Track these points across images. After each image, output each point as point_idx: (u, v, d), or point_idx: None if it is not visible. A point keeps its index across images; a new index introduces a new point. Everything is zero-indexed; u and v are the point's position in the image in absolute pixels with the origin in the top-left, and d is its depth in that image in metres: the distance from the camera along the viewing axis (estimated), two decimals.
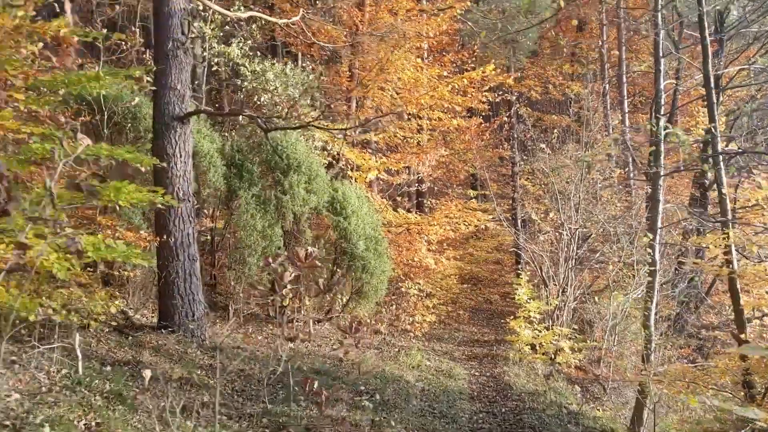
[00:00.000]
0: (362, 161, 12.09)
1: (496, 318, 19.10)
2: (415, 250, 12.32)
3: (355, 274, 10.04)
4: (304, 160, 9.73)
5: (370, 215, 10.74)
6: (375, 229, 10.60)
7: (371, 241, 10.32)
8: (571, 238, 13.43)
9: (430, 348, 12.32)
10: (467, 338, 14.75)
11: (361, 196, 10.78)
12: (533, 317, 12.23)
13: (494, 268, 23.92)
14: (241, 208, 9.15)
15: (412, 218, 12.38)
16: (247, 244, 9.06)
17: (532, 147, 18.97)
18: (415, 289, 12.99)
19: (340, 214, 10.08)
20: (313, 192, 9.81)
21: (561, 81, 24.47)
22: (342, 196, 10.19)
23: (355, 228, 10.09)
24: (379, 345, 11.32)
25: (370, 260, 10.05)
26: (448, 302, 16.57)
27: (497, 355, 12.38)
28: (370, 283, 10.13)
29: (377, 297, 10.41)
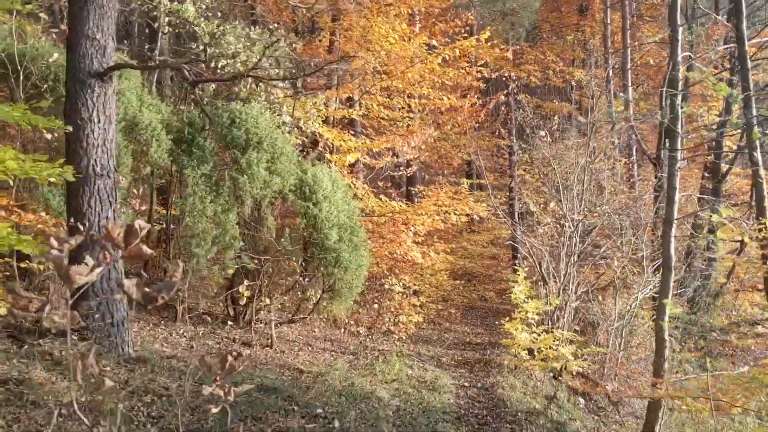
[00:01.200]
0: (341, 142, 10.69)
1: (490, 316, 17.76)
2: (399, 242, 10.94)
3: (326, 269, 8.65)
4: (267, 135, 8.32)
5: (346, 202, 9.35)
6: (351, 218, 9.21)
7: (346, 230, 8.92)
8: (574, 230, 12.04)
9: (415, 352, 10.95)
10: (458, 340, 13.38)
11: (337, 180, 9.38)
12: (531, 319, 10.86)
13: (489, 263, 22.55)
14: (189, 189, 7.75)
15: (396, 206, 10.99)
16: (194, 233, 7.66)
17: (531, 134, 17.71)
18: (400, 286, 11.62)
19: (309, 200, 8.69)
20: (277, 173, 8.41)
21: (562, 67, 23.11)
22: (312, 179, 8.79)
23: (326, 216, 8.70)
24: (356, 349, 9.95)
25: (344, 253, 8.66)
26: (438, 300, 15.21)
27: (491, 361, 11.00)
28: (344, 280, 8.74)
29: (352, 295, 9.03)
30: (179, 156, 8.02)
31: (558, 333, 10.55)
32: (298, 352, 8.60)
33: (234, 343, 8.10)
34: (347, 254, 8.72)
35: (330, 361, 8.57)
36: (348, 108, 11.11)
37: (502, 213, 13.20)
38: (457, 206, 11.01)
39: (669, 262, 10.02)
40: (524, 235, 12.46)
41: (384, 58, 10.72)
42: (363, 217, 11.56)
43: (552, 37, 24.89)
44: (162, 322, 8.03)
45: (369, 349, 10.28)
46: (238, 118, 8.27)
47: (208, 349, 7.54)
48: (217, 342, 7.95)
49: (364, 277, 9.16)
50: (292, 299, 9.70)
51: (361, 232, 9.24)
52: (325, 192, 8.84)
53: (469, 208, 11.38)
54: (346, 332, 11.08)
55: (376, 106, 11.81)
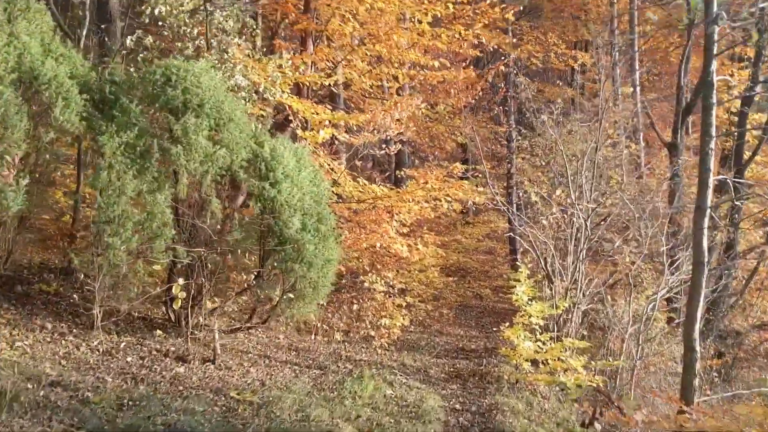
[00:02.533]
0: (312, 114, 9.00)
1: (486, 316, 16.16)
2: (381, 233, 9.27)
3: (285, 265, 6.96)
4: (211, 98, 6.63)
5: (314, 183, 7.67)
6: (319, 202, 7.53)
7: (311, 217, 7.24)
8: (586, 220, 10.38)
9: (399, 363, 9.29)
10: (450, 345, 11.74)
11: (304, 157, 7.70)
12: (535, 324, 9.22)
13: (485, 258, 20.92)
14: (103, 161, 6.04)
15: (378, 191, 9.31)
16: (108, 217, 5.96)
17: (532, 118, 16.08)
18: (381, 284, 9.95)
19: (266, 179, 6.99)
20: (223, 144, 6.71)
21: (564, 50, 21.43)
22: (270, 154, 7.10)
23: (287, 199, 7.01)
24: (327, 361, 8.28)
25: (308, 245, 6.98)
26: (428, 299, 13.55)
27: (487, 374, 9.35)
28: (307, 277, 7.06)
29: (318, 296, 7.34)
30: (96, 120, 6.31)
31: (568, 341, 8.91)
32: (248, 368, 6.93)
33: (165, 358, 6.42)
34: (312, 246, 7.04)
35: (288, 379, 6.90)
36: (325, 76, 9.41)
37: (500, 200, 11.52)
38: (450, 191, 9.35)
39: (701, 257, 8.36)
40: (527, 226, 10.79)
41: (364, 15, 9.03)
42: (339, 203, 9.89)
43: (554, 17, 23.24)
44: (74, 330, 6.34)
45: (343, 360, 8.62)
46: (174, 75, 6.57)
47: (124, 368, 5.85)
48: (142, 357, 6.26)
49: (333, 274, 7.48)
50: (249, 301, 8.02)
51: (330, 219, 7.56)
52: (286, 170, 7.15)
53: (462, 193, 9.70)
54: (317, 339, 9.41)
55: (358, 77, 10.11)
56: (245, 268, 7.77)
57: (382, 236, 9.20)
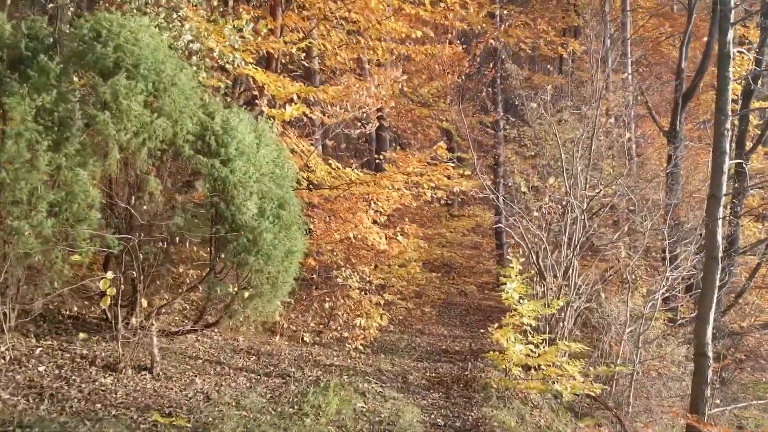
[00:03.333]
0: (277, 88, 7.94)
1: (471, 314, 15.21)
2: (356, 222, 8.24)
3: (239, 257, 5.91)
4: (148, 57, 5.56)
5: (277, 164, 6.62)
6: (281, 185, 6.47)
7: (271, 202, 6.20)
8: (583, 210, 9.43)
9: (375, 368, 8.28)
10: (432, 347, 10.76)
11: (265, 134, 6.64)
12: (527, 325, 8.26)
13: (471, 253, 19.98)
14: (10, 129, 4.95)
15: (352, 175, 8.27)
16: (16, 197, 4.87)
17: (521, 107, 15.17)
18: (356, 280, 8.93)
19: (216, 155, 5.93)
20: (164, 113, 5.64)
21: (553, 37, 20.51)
22: (221, 127, 6.04)
23: (241, 180, 5.97)
24: (291, 368, 7.25)
25: (266, 233, 5.94)
26: (409, 296, 12.57)
27: (473, 380, 8.37)
28: (264, 271, 6.01)
29: (279, 293, 6.28)
30: (9, 82, 5.22)
31: (563, 344, 7.95)
32: (193, 378, 5.88)
33: (90, 367, 5.36)
34: (271, 235, 5.99)
35: (241, 391, 5.86)
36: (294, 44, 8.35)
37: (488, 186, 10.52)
38: (433, 176, 8.34)
39: (714, 252, 7.47)
40: (519, 217, 9.80)
41: None
42: (310, 190, 8.85)
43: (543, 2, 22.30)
44: None
45: (311, 366, 7.60)
46: (106, 30, 5.48)
47: (33, 380, 4.79)
48: (60, 366, 5.19)
49: (297, 267, 6.43)
50: (200, 299, 6.96)
51: (295, 205, 6.51)
52: (241, 146, 6.10)
53: (448, 179, 8.67)
54: (283, 341, 8.38)
55: (332, 50, 9.05)
56: (196, 261, 6.71)
57: (356, 226, 8.17)
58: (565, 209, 9.77)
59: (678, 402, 9.65)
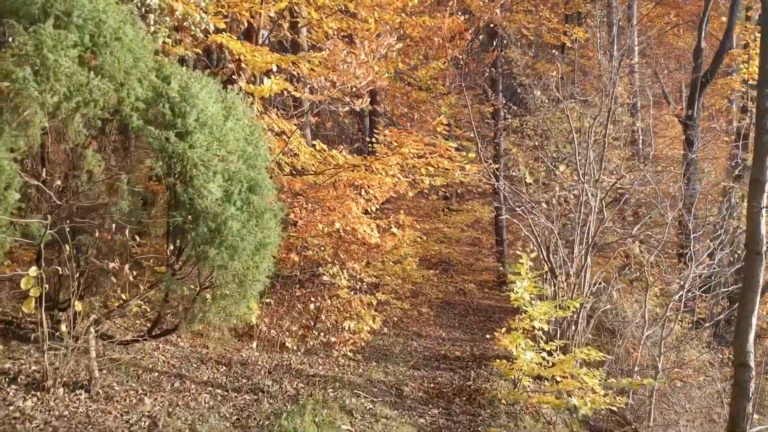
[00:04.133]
0: (254, 58, 6.90)
1: (471, 315, 14.19)
2: (344, 212, 7.20)
3: (199, 249, 4.87)
4: (84, 4, 4.51)
5: (249, 141, 5.59)
6: (253, 166, 5.43)
7: (239, 185, 5.15)
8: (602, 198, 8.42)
9: (365, 379, 7.26)
10: (430, 352, 9.74)
11: (235, 105, 5.61)
12: (539, 329, 7.24)
13: (470, 249, 18.97)
14: None
15: (340, 159, 7.22)
16: None
17: (523, 95, 14.25)
18: (345, 278, 7.90)
19: (172, 127, 4.89)
20: (104, 73, 4.60)
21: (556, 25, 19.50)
22: (179, 93, 5.00)
23: (203, 157, 4.93)
24: (265, 380, 6.22)
25: (231, 221, 4.89)
26: (405, 295, 11.55)
27: (477, 392, 7.36)
28: (230, 268, 4.97)
29: (248, 294, 5.23)
30: None
31: (581, 352, 6.93)
32: (142, 397, 4.84)
33: (10, 386, 4.31)
34: (237, 224, 4.95)
35: (200, 413, 4.83)
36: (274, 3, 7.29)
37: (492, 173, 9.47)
38: (431, 159, 7.28)
39: (758, 246, 6.46)
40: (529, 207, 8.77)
41: None
42: (293, 177, 7.81)
43: None
44: None
45: (291, 377, 6.57)
46: None
47: None
48: None
49: (270, 263, 5.38)
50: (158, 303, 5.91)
51: (268, 189, 5.45)
52: (203, 117, 5.06)
53: (448, 163, 7.61)
54: (260, 347, 7.34)
55: (317, 15, 8.00)
56: (150, 255, 5.67)
57: (344, 216, 7.13)
58: (578, 199, 8.75)
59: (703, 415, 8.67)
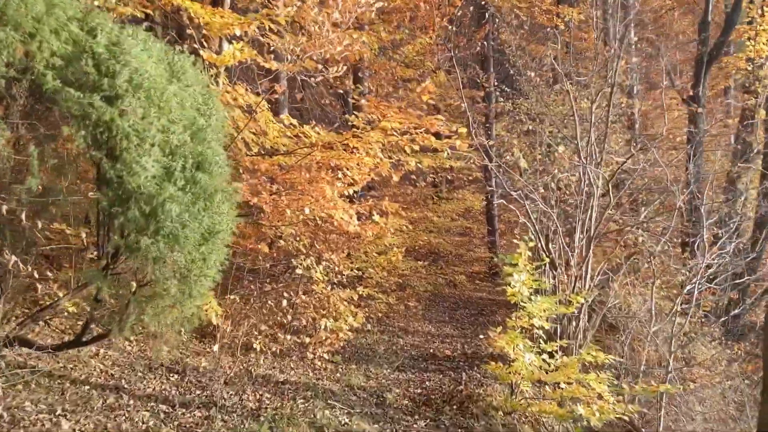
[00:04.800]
0: (210, 17, 5.98)
1: (462, 308, 13.39)
2: (316, 197, 6.31)
3: (130, 239, 3.98)
4: None
5: (200, 111, 4.68)
6: (203, 140, 4.51)
7: (183, 161, 4.24)
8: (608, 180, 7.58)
9: (344, 384, 6.41)
10: (418, 350, 8.91)
11: (185, 69, 4.69)
12: (539, 328, 6.39)
13: (460, 240, 18.15)
14: None
15: (313, 135, 6.31)
16: None
17: (516, 76, 13.45)
18: (321, 271, 7.02)
19: (98, 89, 3.98)
20: (7, 21, 3.68)
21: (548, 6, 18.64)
22: (106, 49, 4.08)
23: (136, 125, 4.02)
24: (223, 391, 5.35)
25: (170, 203, 4.00)
26: (390, 289, 10.71)
27: (470, 399, 6.51)
28: (168, 261, 4.08)
29: (194, 294, 4.33)
30: None
31: (588, 354, 6.10)
32: (59, 418, 3.95)
33: None
34: (178, 207, 4.05)
35: None
36: None
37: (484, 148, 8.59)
38: (417, 137, 6.39)
39: None
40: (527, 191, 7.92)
41: None
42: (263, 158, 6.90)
43: None
44: None
45: (255, 386, 5.70)
46: None
47: None
48: None
49: (222, 254, 4.49)
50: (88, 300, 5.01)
51: (220, 168, 4.54)
52: (138, 78, 4.14)
53: (435, 137, 6.70)
54: (224, 350, 6.45)
55: None
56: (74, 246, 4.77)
57: (316, 200, 6.24)
58: (579, 183, 7.90)
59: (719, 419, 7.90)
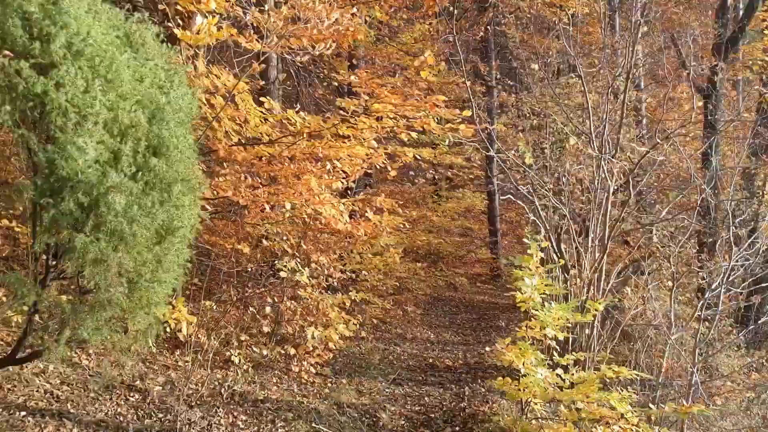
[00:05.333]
0: None
1: (463, 312, 12.76)
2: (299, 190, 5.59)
3: (62, 235, 3.27)
4: None
5: (160, 86, 3.95)
6: (161, 120, 3.78)
7: (133, 143, 3.52)
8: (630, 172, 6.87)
9: (332, 402, 5.69)
10: (416, 360, 8.21)
11: (145, 40, 3.97)
12: (552, 339, 5.68)
13: (461, 240, 17.49)
14: None
15: (298, 121, 5.57)
16: None
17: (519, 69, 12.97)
18: (307, 275, 6.30)
19: (28, 55, 3.26)
20: None
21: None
22: (40, 8, 3.36)
23: (76, 100, 3.30)
24: (187, 415, 4.62)
25: (113, 194, 3.28)
26: (387, 292, 10.01)
27: (473, 419, 5.80)
28: (113, 264, 3.36)
29: (143, 301, 3.61)
30: None
31: (609, 369, 5.37)
32: None
33: None
34: (125, 199, 3.33)
35: None
36: None
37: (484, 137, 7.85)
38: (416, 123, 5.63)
39: None
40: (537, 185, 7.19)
41: None
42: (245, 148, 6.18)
43: None
44: None
45: (229, 407, 4.98)
46: None
47: None
48: None
49: (182, 256, 3.76)
50: None
51: (182, 152, 3.81)
52: (79, 43, 3.42)
53: (435, 123, 5.92)
54: (196, 363, 5.72)
55: None
56: None
57: (300, 194, 5.52)
58: (593, 175, 7.18)
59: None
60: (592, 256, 7.07)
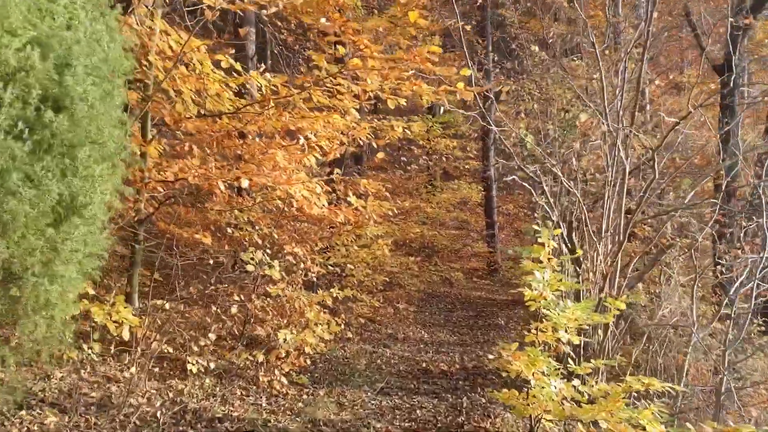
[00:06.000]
0: None
1: (459, 309, 11.86)
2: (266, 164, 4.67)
3: None
4: None
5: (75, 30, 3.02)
6: (63, 65, 2.87)
7: (24, 92, 2.60)
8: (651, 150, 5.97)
9: (307, 419, 4.79)
10: (407, 364, 7.30)
11: None
12: (566, 343, 4.79)
13: (456, 233, 16.60)
14: None
15: (262, 82, 4.62)
16: None
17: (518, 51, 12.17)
18: (278, 269, 5.38)
19: None
20: None
21: None
22: None
23: None
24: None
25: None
26: (377, 288, 9.12)
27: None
28: None
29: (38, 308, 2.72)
30: None
31: (635, 381, 4.48)
32: None
33: None
34: (2, 164, 2.42)
35: None
36: None
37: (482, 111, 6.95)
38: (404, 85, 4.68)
39: None
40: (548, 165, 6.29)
41: None
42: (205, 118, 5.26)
43: None
44: None
45: (179, 428, 4.08)
46: None
47: None
48: None
49: (94, 243, 2.85)
50: None
51: (95, 108, 2.89)
52: None
53: (429, 92, 4.98)
54: (145, 373, 4.80)
55: None
56: None
57: (267, 175, 4.61)
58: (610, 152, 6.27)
59: None
60: (608, 247, 6.18)
